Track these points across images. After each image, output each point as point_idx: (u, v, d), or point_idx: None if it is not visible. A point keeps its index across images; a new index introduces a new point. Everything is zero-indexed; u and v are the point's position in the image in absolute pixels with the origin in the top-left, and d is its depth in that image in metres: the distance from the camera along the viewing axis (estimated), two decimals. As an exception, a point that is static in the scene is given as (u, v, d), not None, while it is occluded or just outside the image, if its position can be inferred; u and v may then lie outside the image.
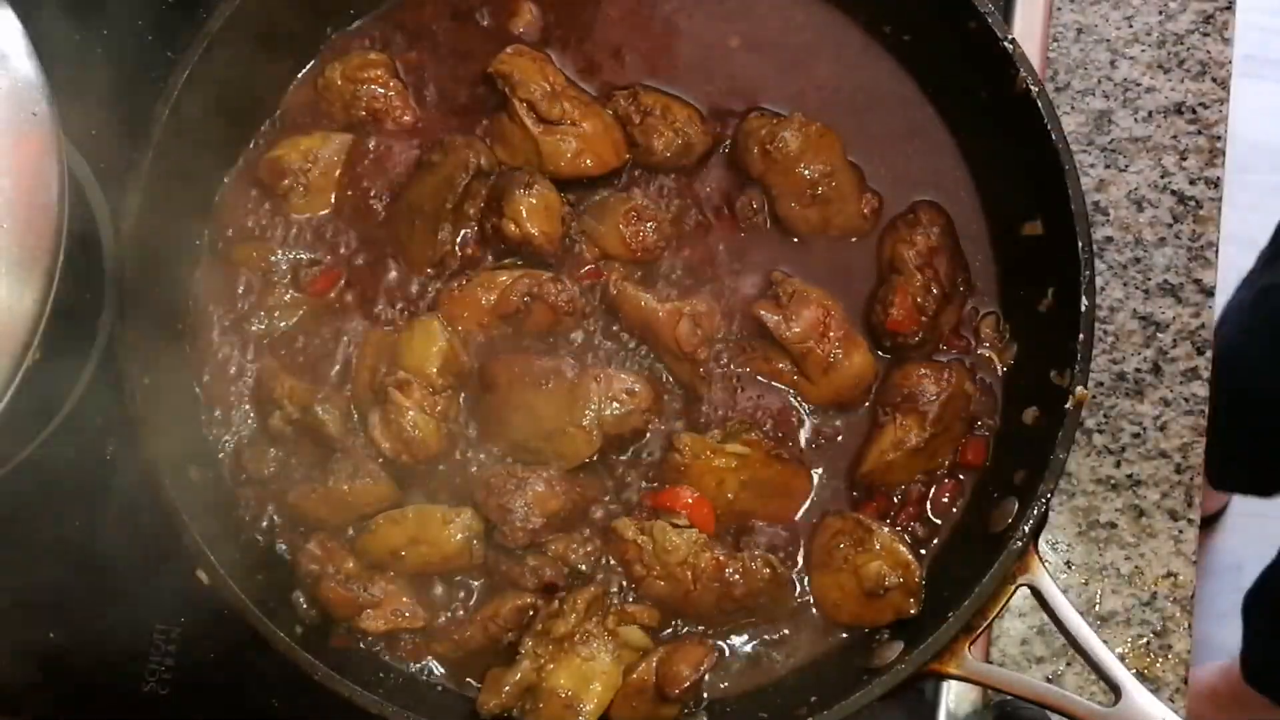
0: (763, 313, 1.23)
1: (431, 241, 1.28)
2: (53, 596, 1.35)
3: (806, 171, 1.27)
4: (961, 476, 1.27)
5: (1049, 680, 1.34)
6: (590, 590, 1.20)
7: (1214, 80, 1.48)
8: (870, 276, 1.30)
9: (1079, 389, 1.17)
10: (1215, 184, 1.45)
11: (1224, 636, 2.74)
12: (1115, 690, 1.11)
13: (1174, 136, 1.46)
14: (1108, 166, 1.46)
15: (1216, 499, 2.82)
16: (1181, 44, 1.49)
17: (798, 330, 1.23)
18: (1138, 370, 1.41)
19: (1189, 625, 1.36)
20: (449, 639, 1.22)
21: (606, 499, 1.25)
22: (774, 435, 1.26)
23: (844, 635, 1.24)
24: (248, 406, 1.28)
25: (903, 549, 1.21)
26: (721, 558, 1.19)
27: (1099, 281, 1.37)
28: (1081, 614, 1.15)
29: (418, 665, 1.23)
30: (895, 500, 1.26)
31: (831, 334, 1.24)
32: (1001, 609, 1.16)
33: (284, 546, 1.26)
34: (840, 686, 1.15)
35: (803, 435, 1.27)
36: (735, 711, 1.22)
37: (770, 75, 1.34)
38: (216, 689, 1.33)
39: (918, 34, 1.32)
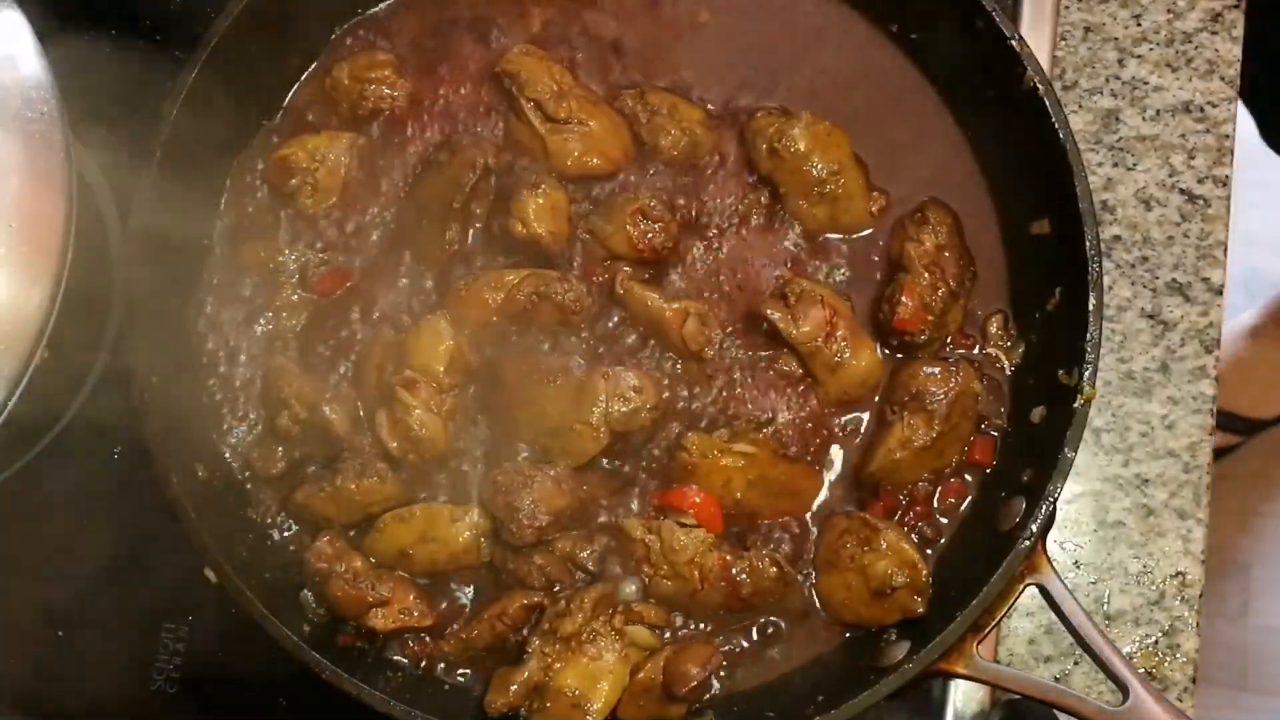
0: (770, 311, 1.23)
1: (439, 241, 1.28)
2: (60, 594, 1.36)
3: (814, 170, 1.27)
4: (969, 476, 1.27)
5: (1057, 680, 1.34)
6: (597, 589, 1.20)
7: (1222, 79, 1.48)
8: (878, 275, 1.30)
9: (1087, 388, 1.17)
10: (1224, 182, 1.45)
11: (1233, 636, 2.74)
12: (1123, 690, 1.11)
13: (1182, 135, 1.46)
14: (1115, 165, 1.46)
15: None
16: (1190, 43, 1.49)
17: (805, 329, 1.23)
18: (1146, 369, 1.41)
19: (1197, 625, 1.36)
20: (456, 637, 1.22)
21: (614, 498, 1.25)
22: (781, 434, 1.26)
23: (851, 634, 1.24)
24: (255, 406, 1.28)
25: (909, 548, 1.21)
26: (729, 557, 1.19)
27: (1107, 280, 1.36)
28: (1089, 613, 1.14)
29: (425, 664, 1.23)
30: (902, 499, 1.26)
31: (839, 333, 1.24)
32: (1009, 608, 1.16)
33: (292, 545, 1.26)
34: (847, 685, 1.15)
35: (809, 434, 1.27)
36: (742, 710, 1.22)
37: (776, 73, 1.34)
38: (224, 687, 1.33)
39: (925, 31, 1.32)
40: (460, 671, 1.23)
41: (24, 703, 1.36)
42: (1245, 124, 1.49)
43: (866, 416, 1.28)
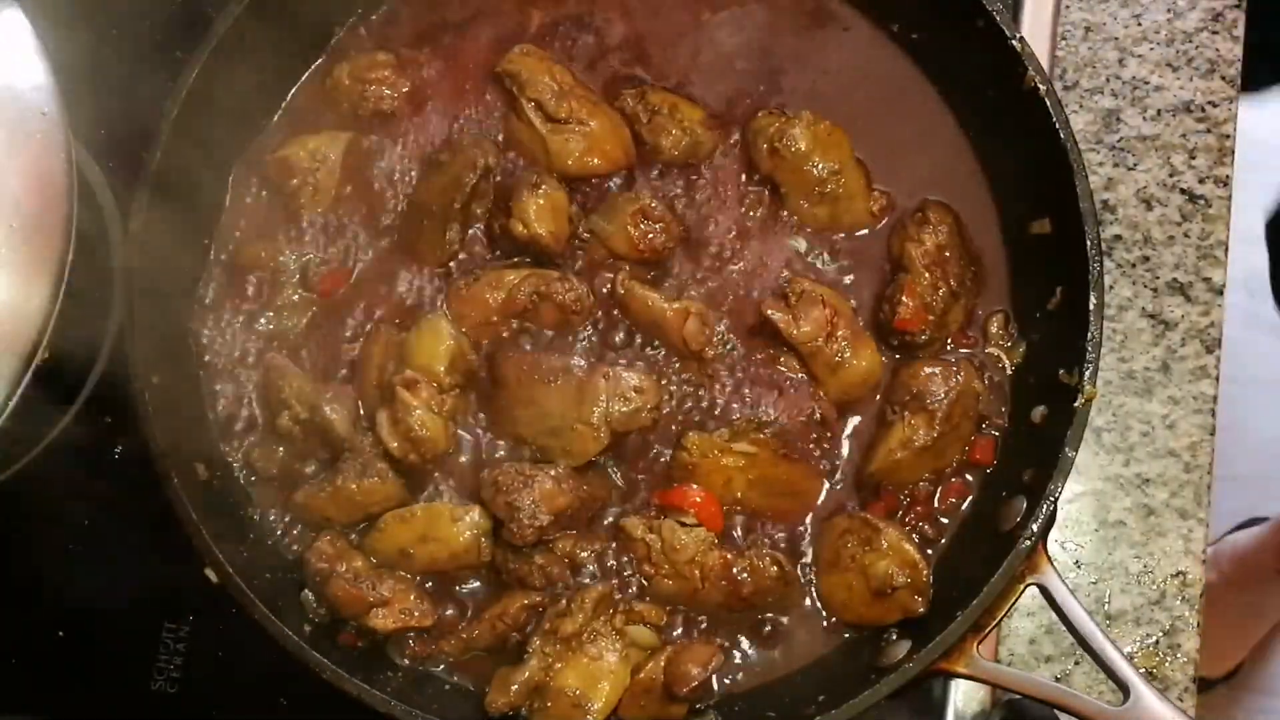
0: (771, 312, 1.23)
1: (439, 241, 1.28)
2: (61, 594, 1.36)
3: (815, 170, 1.27)
4: (969, 475, 1.27)
5: (1057, 679, 1.34)
6: (598, 589, 1.20)
7: (1223, 79, 1.48)
8: (879, 275, 1.30)
9: (1088, 387, 1.17)
10: (1224, 182, 1.45)
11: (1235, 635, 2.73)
12: (1124, 689, 1.11)
13: (1183, 135, 1.46)
14: (1116, 165, 1.46)
15: (1228, 656, 2.66)
16: (1190, 42, 1.49)
17: (806, 330, 1.23)
18: (1146, 369, 1.41)
19: (1198, 624, 1.35)
20: (457, 637, 1.22)
21: (614, 497, 1.25)
22: (781, 434, 1.26)
23: (852, 634, 1.24)
24: (256, 406, 1.28)
25: (910, 548, 1.21)
26: (729, 556, 1.19)
27: (1107, 280, 1.37)
28: (1090, 613, 1.14)
29: (426, 664, 1.23)
30: (903, 499, 1.26)
31: (839, 333, 1.24)
32: (1010, 608, 1.16)
33: (292, 545, 1.26)
34: (848, 685, 1.15)
35: (810, 434, 1.26)
36: (743, 710, 1.22)
37: (777, 72, 1.33)
38: (225, 687, 1.33)
39: (926, 31, 1.32)
40: (461, 671, 1.23)
41: (25, 703, 1.36)
42: (1245, 123, 1.49)
43: (867, 417, 1.28)
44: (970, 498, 1.27)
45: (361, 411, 1.25)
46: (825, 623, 1.24)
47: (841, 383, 1.25)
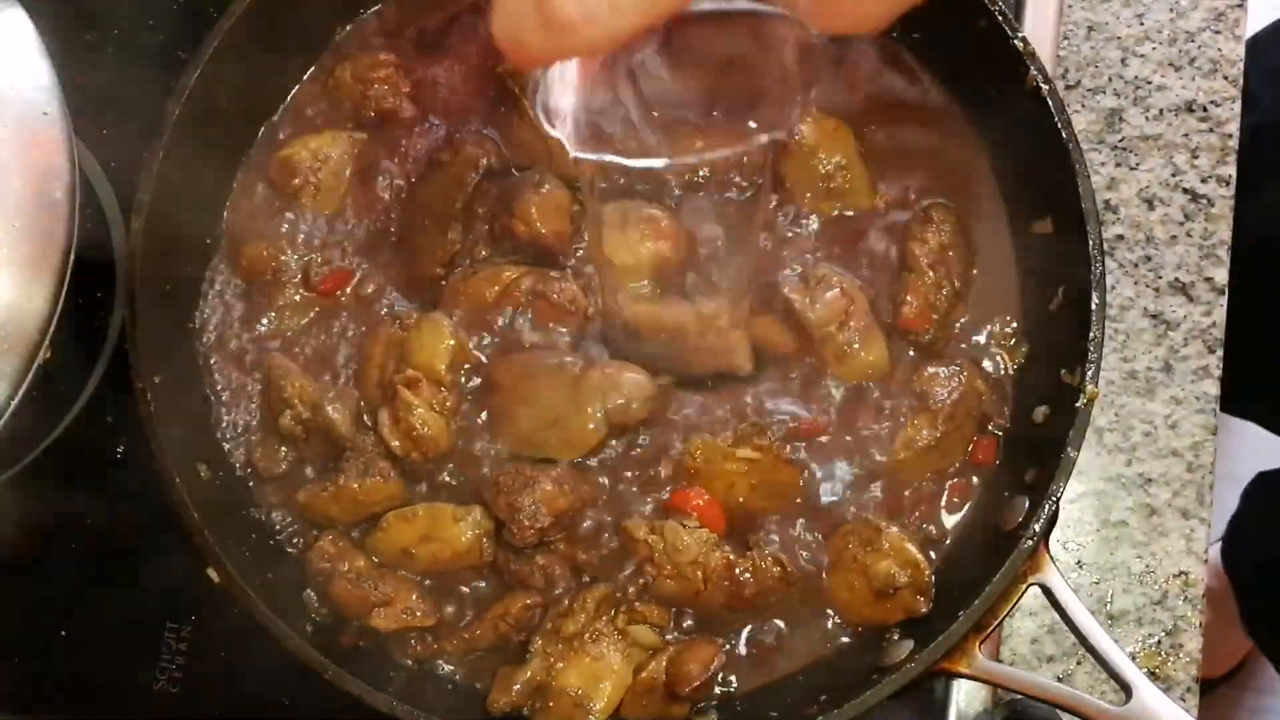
0: (788, 291, 1.23)
1: (441, 241, 1.28)
2: (63, 594, 1.36)
3: (821, 164, 1.27)
4: (972, 475, 1.27)
5: (1060, 679, 1.34)
6: (600, 589, 1.20)
7: (1225, 78, 1.48)
8: (880, 274, 1.29)
9: (1090, 387, 1.17)
10: (1227, 182, 1.45)
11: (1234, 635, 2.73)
12: (1126, 689, 1.11)
13: (1185, 134, 1.46)
14: (1118, 165, 1.46)
15: (1228, 656, 2.67)
16: (1193, 42, 1.49)
17: (821, 313, 1.23)
18: (1149, 369, 1.41)
19: (1200, 624, 1.35)
20: (459, 637, 1.22)
21: (616, 499, 1.24)
22: (784, 438, 1.25)
23: (854, 634, 1.24)
24: (258, 405, 1.28)
25: (912, 548, 1.21)
26: (732, 557, 1.19)
27: (1109, 280, 1.36)
28: (1092, 613, 1.14)
29: (428, 664, 1.23)
30: (905, 500, 1.26)
31: (853, 323, 1.23)
32: (1012, 608, 1.16)
33: (294, 545, 1.26)
34: (850, 685, 1.15)
35: (812, 435, 1.26)
36: (745, 710, 1.22)
37: (780, 73, 1.33)
38: (227, 687, 1.33)
39: (927, 31, 1.31)
40: (463, 671, 1.23)
41: (25, 703, 1.36)
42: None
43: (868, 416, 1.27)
44: (972, 498, 1.26)
45: (363, 411, 1.25)
46: (827, 623, 1.24)
47: (847, 373, 1.25)
